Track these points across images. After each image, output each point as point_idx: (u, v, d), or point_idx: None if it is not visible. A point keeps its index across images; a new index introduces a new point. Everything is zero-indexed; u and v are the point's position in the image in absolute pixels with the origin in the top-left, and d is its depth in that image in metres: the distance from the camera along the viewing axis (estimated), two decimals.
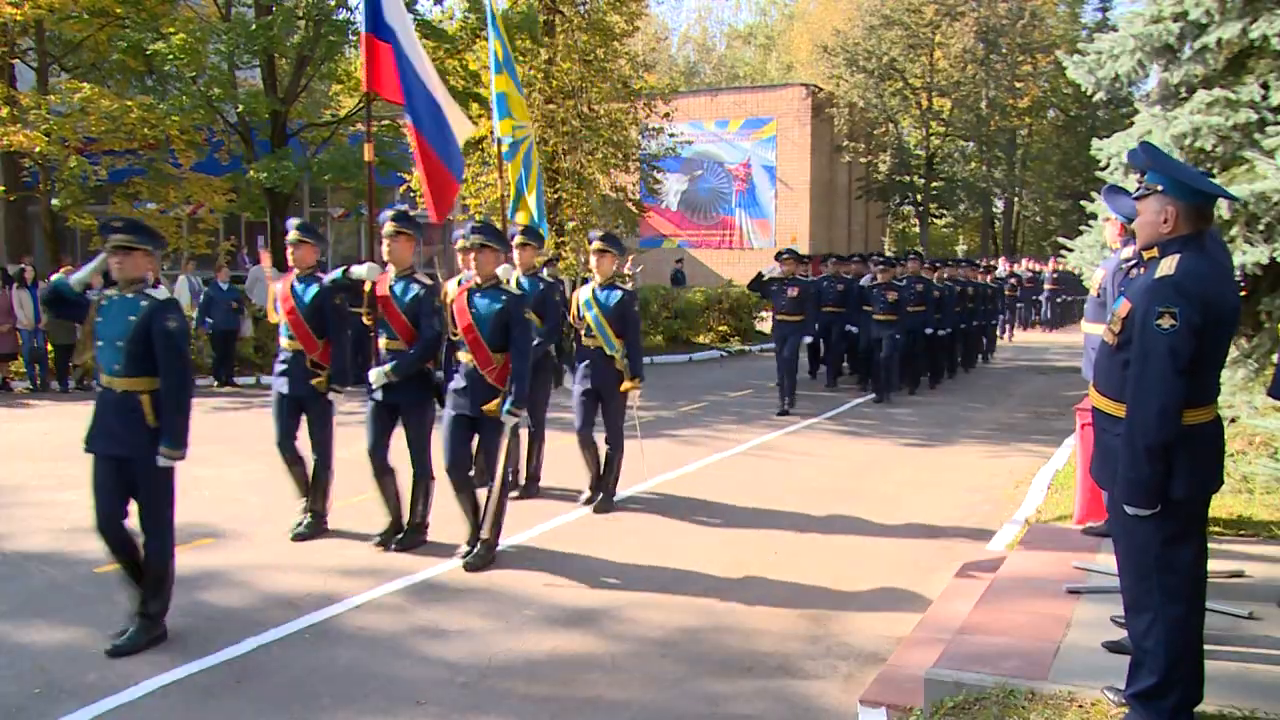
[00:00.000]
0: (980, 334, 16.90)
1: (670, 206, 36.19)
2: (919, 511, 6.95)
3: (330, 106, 22.90)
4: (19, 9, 14.63)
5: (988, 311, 17.03)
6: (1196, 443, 3.06)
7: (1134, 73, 7.12)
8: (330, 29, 16.16)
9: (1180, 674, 3.07)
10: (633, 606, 5.05)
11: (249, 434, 9.82)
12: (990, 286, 17.16)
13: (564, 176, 20.45)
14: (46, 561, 5.67)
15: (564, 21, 19.96)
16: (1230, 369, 6.56)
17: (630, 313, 6.75)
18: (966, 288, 15.14)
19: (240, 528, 6.37)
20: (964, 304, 14.80)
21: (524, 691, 4.08)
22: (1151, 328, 2.99)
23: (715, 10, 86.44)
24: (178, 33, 15.34)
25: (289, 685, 4.11)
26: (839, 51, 38.17)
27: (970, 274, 16.25)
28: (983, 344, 17.25)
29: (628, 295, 6.77)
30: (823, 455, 8.99)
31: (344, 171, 16.49)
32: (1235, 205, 6.15)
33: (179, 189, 16.83)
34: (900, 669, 4.07)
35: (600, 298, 6.75)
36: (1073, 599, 4.42)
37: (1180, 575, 3.08)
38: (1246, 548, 5.13)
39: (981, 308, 16.31)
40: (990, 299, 17.10)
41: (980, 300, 16.13)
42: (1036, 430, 10.36)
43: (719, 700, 4.01)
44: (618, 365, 6.72)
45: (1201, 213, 3.13)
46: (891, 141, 39.15)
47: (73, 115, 15.10)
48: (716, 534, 6.39)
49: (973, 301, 15.36)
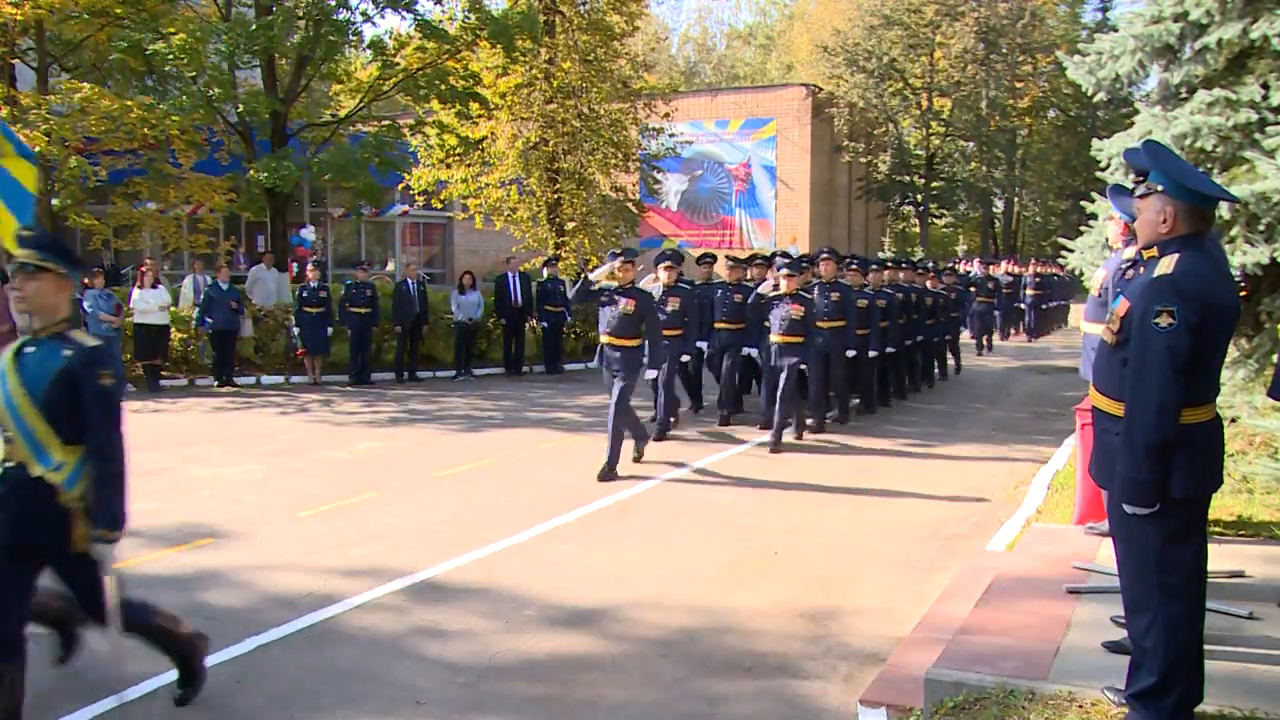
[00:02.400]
0: (934, 352, 14.07)
1: (670, 206, 36.19)
2: (919, 512, 6.95)
3: (330, 106, 22.91)
4: (19, 9, 14.62)
5: (948, 323, 14.17)
6: (1196, 442, 3.06)
7: (1134, 73, 7.11)
8: (330, 29, 16.14)
9: (1180, 674, 3.07)
10: (633, 606, 5.05)
11: (249, 434, 9.83)
12: (943, 294, 13.80)
13: (564, 176, 20.46)
14: None
15: (564, 21, 19.96)
16: (1230, 369, 6.55)
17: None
18: (913, 295, 12.41)
19: (240, 528, 6.37)
20: (909, 315, 12.15)
21: (524, 691, 4.08)
22: (1150, 327, 2.99)
23: (715, 10, 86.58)
24: (178, 33, 15.33)
25: (289, 685, 4.11)
26: (839, 51, 38.20)
27: (918, 278, 13.19)
28: (936, 363, 14.30)
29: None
30: (822, 455, 8.99)
31: (344, 171, 16.47)
32: (1235, 205, 6.14)
33: (179, 189, 16.81)
34: (900, 669, 4.07)
35: None
36: (1073, 599, 4.42)
37: (1180, 575, 3.07)
38: (1246, 548, 5.12)
39: (941, 319, 13.67)
40: (946, 308, 13.94)
41: (938, 310, 13.44)
42: (1036, 430, 10.36)
43: (719, 700, 4.00)
44: None
45: (1202, 214, 3.12)
46: (891, 141, 39.17)
47: (73, 115, 15.08)
48: (716, 534, 6.38)
49: (917, 313, 12.53)
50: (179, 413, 11.17)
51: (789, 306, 9.28)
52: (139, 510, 4.67)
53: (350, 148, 16.90)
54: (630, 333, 8.06)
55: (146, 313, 12.86)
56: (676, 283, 9.92)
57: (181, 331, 13.88)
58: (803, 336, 9.33)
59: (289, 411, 11.32)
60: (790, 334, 9.29)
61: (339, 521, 6.32)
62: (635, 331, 8.08)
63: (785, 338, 9.31)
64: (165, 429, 10.08)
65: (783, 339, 9.31)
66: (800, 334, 9.31)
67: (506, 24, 17.34)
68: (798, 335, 9.30)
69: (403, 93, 17.71)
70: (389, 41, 17.51)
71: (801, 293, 9.44)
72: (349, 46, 17.37)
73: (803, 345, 9.33)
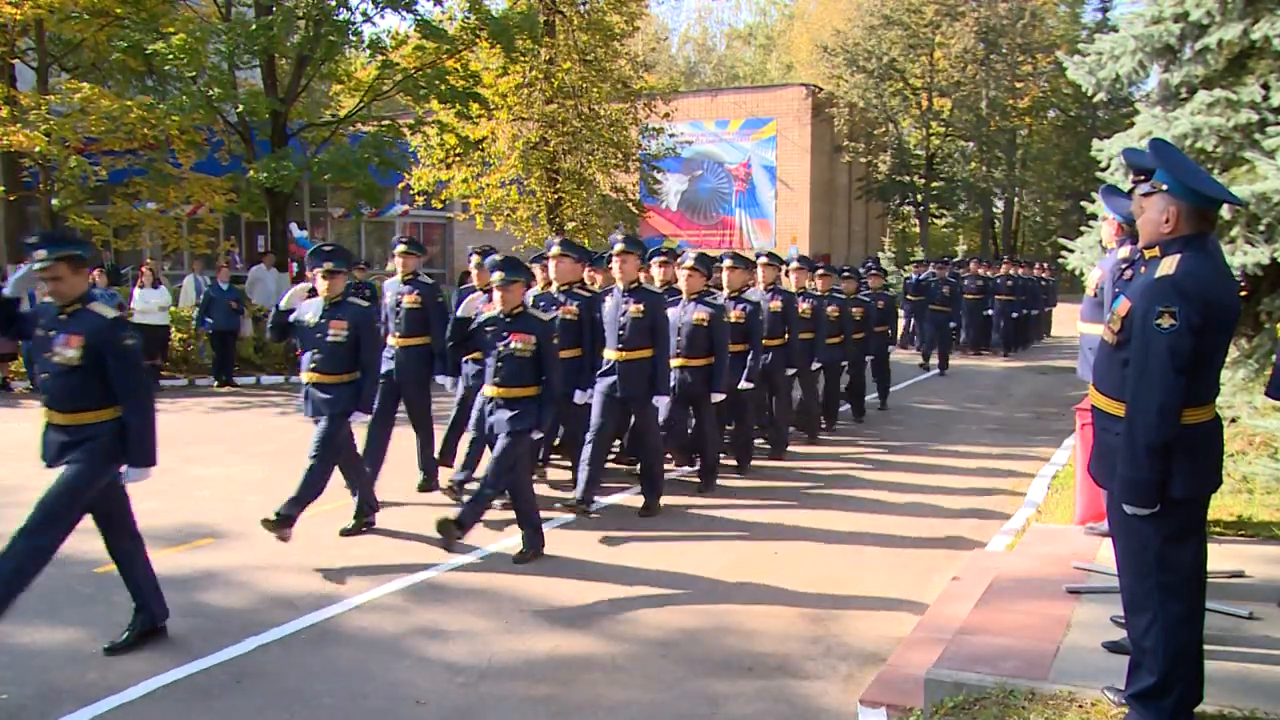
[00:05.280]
0: (849, 375, 10.74)
1: (670, 207, 36.20)
2: (918, 512, 6.95)
3: (330, 106, 22.89)
4: (19, 9, 14.62)
5: (867, 342, 10.76)
6: (1196, 442, 3.06)
7: (1134, 73, 7.11)
8: (330, 29, 16.12)
9: (1180, 674, 3.07)
10: (633, 606, 5.05)
11: (249, 434, 9.83)
12: (862, 300, 10.70)
13: (564, 176, 20.46)
14: None
15: (564, 22, 19.97)
16: (1230, 369, 6.55)
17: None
18: (818, 303, 9.45)
19: (240, 528, 6.37)
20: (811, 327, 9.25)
21: (524, 691, 4.08)
22: (1151, 327, 2.99)
23: (715, 10, 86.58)
24: (178, 33, 15.30)
25: (289, 685, 4.11)
26: (839, 51, 38.22)
27: (824, 282, 9.86)
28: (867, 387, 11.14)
29: None
30: (822, 455, 8.98)
31: (344, 171, 16.45)
32: (1237, 206, 6.14)
33: (179, 189, 16.80)
34: (900, 669, 4.07)
35: None
36: (1073, 599, 4.42)
37: (1180, 575, 3.07)
38: (1246, 548, 5.12)
39: (863, 333, 10.56)
40: (869, 321, 10.76)
41: (864, 323, 10.55)
42: (1036, 430, 10.36)
43: (719, 700, 4.01)
44: None
45: (1205, 215, 3.12)
46: (891, 141, 39.19)
47: (73, 115, 15.08)
48: (716, 534, 6.38)
49: (800, 332, 8.92)
50: (179, 413, 11.16)
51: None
52: (139, 510, 4.69)
53: (350, 148, 16.88)
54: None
55: (146, 313, 12.86)
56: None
57: (181, 331, 13.87)
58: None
59: (289, 411, 11.31)
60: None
61: (339, 521, 6.31)
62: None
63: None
64: (165, 429, 9.96)
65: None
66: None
67: (506, 24, 17.33)
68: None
69: (402, 93, 17.70)
70: (387, 40, 17.49)
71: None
72: (349, 46, 17.34)
73: None
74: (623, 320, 6.65)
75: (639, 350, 6.65)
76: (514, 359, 5.70)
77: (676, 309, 7.18)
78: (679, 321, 7.14)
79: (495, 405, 5.79)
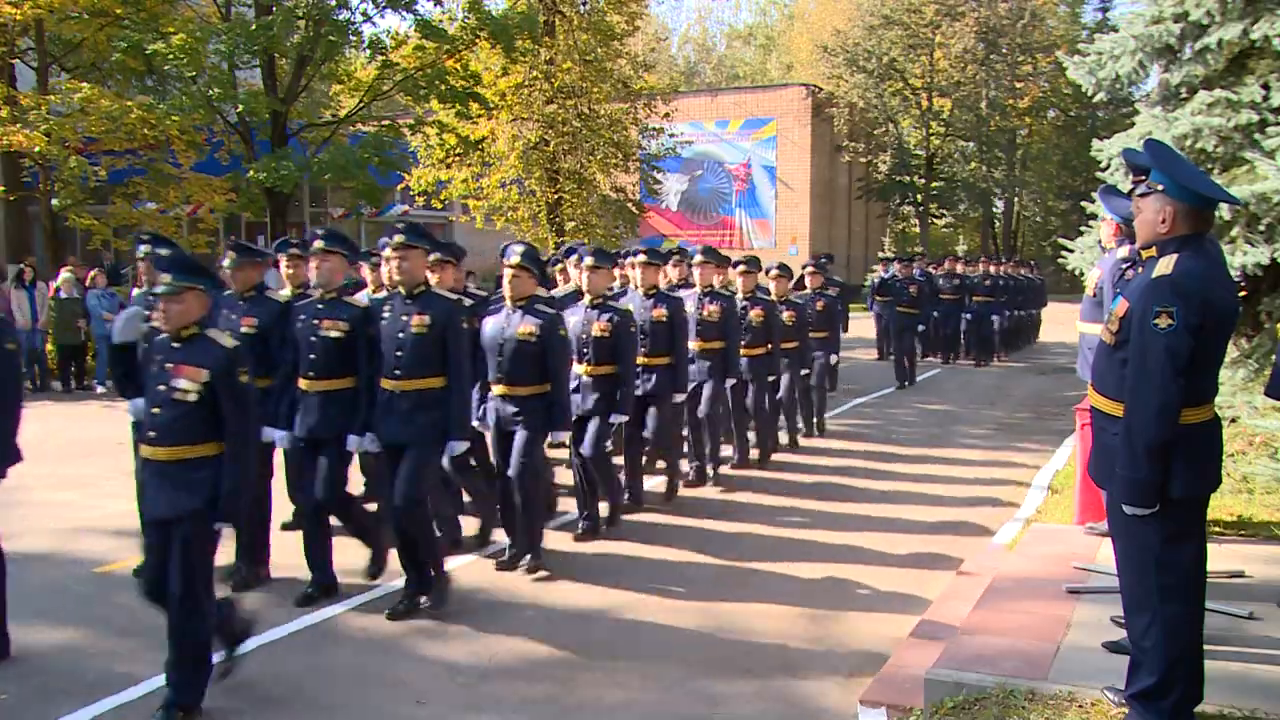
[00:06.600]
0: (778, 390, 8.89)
1: (670, 207, 36.20)
2: (919, 511, 6.94)
3: (330, 106, 22.89)
4: (19, 9, 14.63)
5: (804, 350, 9.16)
6: (1195, 442, 3.06)
7: (1134, 73, 7.11)
8: (330, 29, 16.15)
9: (1180, 674, 3.07)
10: (633, 606, 5.05)
11: None
12: (798, 302, 9.13)
13: (564, 176, 20.47)
14: (46, 561, 5.67)
15: (564, 21, 19.98)
16: (1230, 369, 6.55)
17: None
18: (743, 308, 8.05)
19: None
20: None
21: (524, 692, 4.08)
22: (1149, 327, 2.99)
23: (715, 10, 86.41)
24: (178, 33, 15.32)
25: (289, 685, 4.11)
26: (839, 51, 38.19)
27: (744, 280, 8.26)
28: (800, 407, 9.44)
29: None
30: (822, 454, 8.98)
31: (344, 171, 16.47)
32: (1236, 206, 6.15)
33: (179, 189, 16.82)
34: (900, 669, 4.07)
35: None
36: (1073, 599, 4.42)
37: (1179, 575, 3.07)
38: (1246, 548, 5.12)
39: (798, 341, 8.93)
40: (806, 326, 9.23)
41: (797, 329, 8.87)
42: (1036, 430, 10.36)
43: (719, 700, 4.00)
44: None
45: (1201, 215, 3.12)
46: (891, 142, 39.17)
47: (73, 115, 15.10)
48: (717, 534, 6.38)
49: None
50: None
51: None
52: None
53: (350, 148, 16.89)
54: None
55: None
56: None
57: None
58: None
59: None
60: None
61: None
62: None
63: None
64: None
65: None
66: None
67: (506, 24, 17.34)
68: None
69: (402, 93, 17.71)
70: (387, 40, 17.50)
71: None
72: (349, 46, 17.36)
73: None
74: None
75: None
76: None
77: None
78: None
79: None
